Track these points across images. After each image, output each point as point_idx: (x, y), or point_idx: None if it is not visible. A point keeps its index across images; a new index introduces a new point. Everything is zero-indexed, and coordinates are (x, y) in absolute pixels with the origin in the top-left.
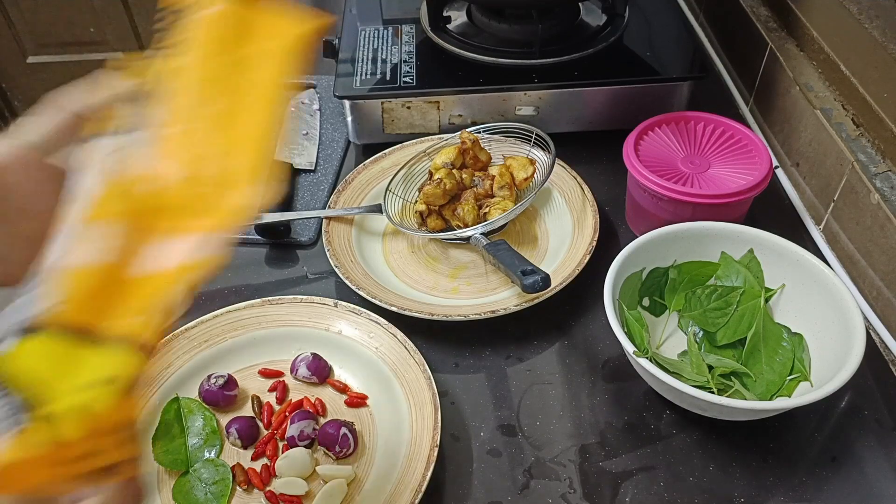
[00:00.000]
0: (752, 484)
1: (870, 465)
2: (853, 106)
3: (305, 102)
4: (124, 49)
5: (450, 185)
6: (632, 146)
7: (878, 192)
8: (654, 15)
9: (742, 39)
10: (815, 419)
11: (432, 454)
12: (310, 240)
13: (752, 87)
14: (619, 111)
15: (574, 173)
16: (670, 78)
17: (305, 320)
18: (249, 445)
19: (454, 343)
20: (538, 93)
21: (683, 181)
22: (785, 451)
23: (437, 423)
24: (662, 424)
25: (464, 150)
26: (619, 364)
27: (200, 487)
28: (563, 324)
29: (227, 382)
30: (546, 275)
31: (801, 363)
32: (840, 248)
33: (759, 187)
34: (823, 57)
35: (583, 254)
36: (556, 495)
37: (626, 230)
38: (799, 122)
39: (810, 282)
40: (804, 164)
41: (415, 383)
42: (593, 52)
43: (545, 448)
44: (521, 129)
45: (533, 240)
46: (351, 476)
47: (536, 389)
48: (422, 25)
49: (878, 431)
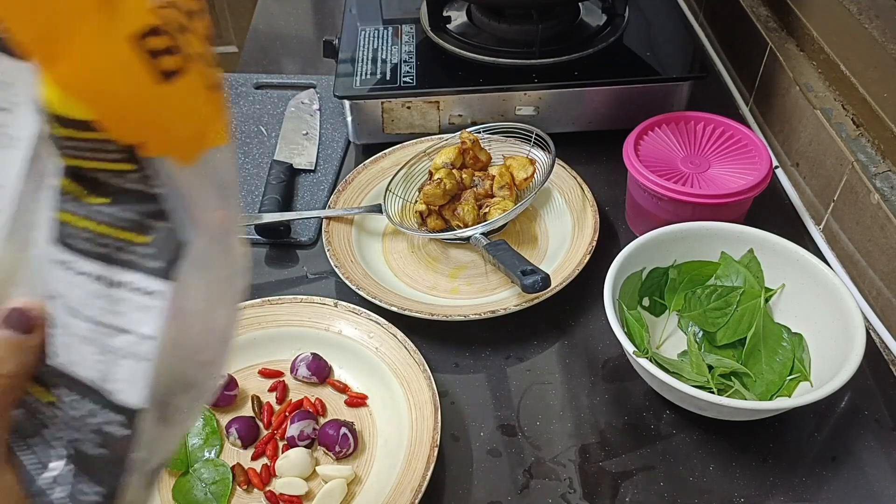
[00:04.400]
0: (752, 484)
1: (870, 465)
2: (853, 106)
3: (305, 102)
4: None
5: (450, 185)
6: (632, 146)
7: (878, 192)
8: (654, 15)
9: (742, 39)
10: (815, 419)
11: (432, 454)
12: (310, 240)
13: (752, 87)
14: (618, 111)
15: (574, 173)
16: (670, 78)
17: (305, 320)
18: (249, 445)
19: (454, 343)
20: (538, 93)
21: (683, 181)
22: (785, 451)
23: (437, 423)
24: (662, 424)
25: (464, 150)
26: (619, 364)
27: (200, 487)
28: (563, 324)
29: (227, 382)
30: (546, 275)
31: (800, 363)
32: (840, 247)
33: (759, 187)
34: (823, 57)
35: (583, 254)
36: (556, 495)
37: (626, 230)
38: (799, 122)
39: (810, 282)
40: (804, 164)
41: (415, 383)
42: (593, 52)
43: (545, 448)
44: (521, 130)
45: (533, 240)
46: (351, 476)
47: (536, 389)
48: (422, 25)
49: (878, 431)
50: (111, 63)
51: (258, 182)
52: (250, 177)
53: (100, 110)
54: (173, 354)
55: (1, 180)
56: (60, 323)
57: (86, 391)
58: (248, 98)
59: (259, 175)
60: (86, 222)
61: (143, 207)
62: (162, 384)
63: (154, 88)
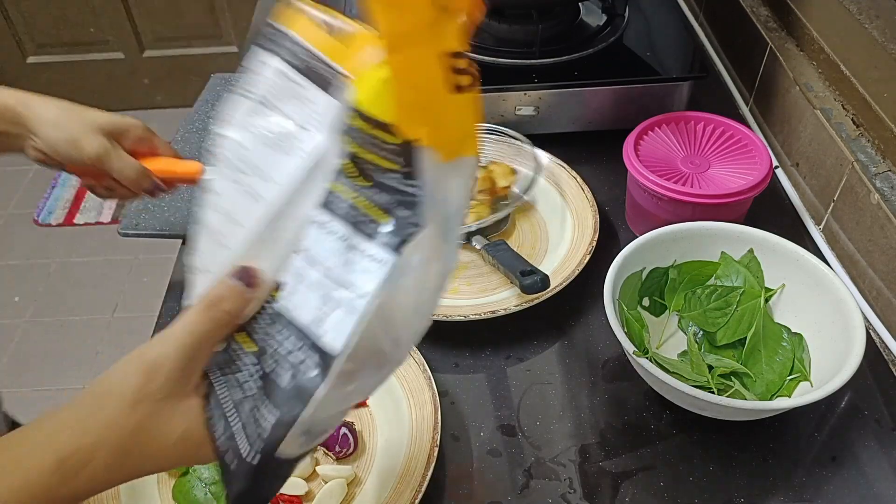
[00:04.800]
0: (752, 484)
1: (870, 465)
2: (853, 106)
3: None
4: (124, 49)
5: None
6: (632, 146)
7: (878, 192)
8: (653, 15)
9: (742, 39)
10: (815, 419)
11: (432, 454)
12: None
13: (752, 87)
14: (619, 111)
15: (574, 173)
16: (670, 78)
17: None
18: None
19: (454, 343)
20: (538, 93)
21: (683, 181)
22: (785, 451)
23: (437, 423)
24: (662, 424)
25: None
26: (619, 364)
27: (200, 487)
28: (563, 324)
29: None
30: (545, 275)
31: (800, 363)
32: (840, 247)
33: (758, 187)
34: (823, 57)
35: (583, 254)
36: (556, 495)
37: (626, 230)
38: (799, 122)
39: (810, 282)
40: (804, 164)
41: (415, 383)
42: (593, 52)
43: (545, 448)
44: (516, 138)
45: (533, 240)
46: (351, 476)
47: (536, 389)
48: None
49: (878, 431)
50: (425, 69)
51: None
52: None
53: (403, 106)
54: (377, 321)
55: (276, 177)
56: (298, 272)
57: (298, 332)
58: None
59: None
60: (350, 195)
61: (394, 198)
62: (360, 347)
63: (447, 97)
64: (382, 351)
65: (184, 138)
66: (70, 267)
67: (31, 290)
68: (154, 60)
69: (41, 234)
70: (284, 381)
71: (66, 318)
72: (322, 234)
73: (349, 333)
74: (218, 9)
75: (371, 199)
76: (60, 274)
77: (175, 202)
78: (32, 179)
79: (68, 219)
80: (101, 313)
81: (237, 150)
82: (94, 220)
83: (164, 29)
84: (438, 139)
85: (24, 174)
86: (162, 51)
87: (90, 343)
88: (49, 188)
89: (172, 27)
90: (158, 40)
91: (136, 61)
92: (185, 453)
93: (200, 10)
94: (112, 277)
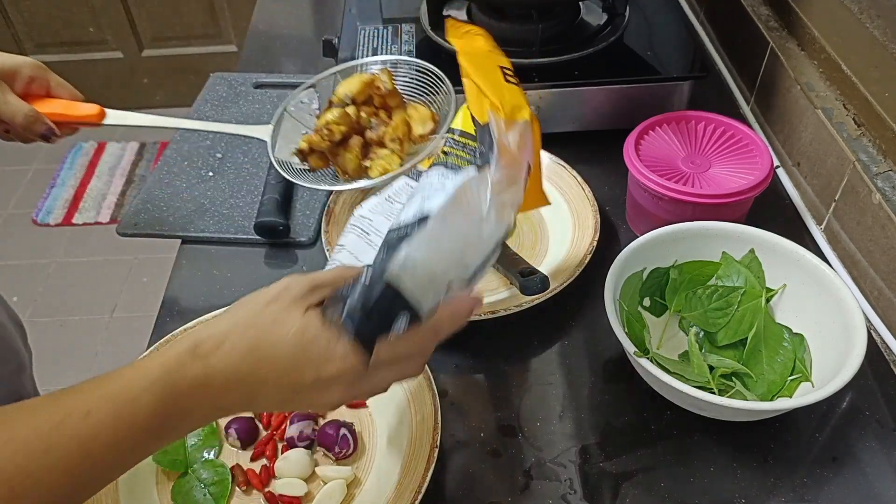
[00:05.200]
0: (752, 484)
1: (870, 466)
2: (854, 105)
3: (305, 102)
4: (123, 48)
5: (339, 135)
6: (632, 146)
7: (880, 192)
8: (654, 14)
9: (743, 39)
10: (816, 419)
11: (432, 454)
12: (309, 240)
13: (753, 86)
14: (619, 111)
15: (574, 173)
16: (671, 77)
17: None
18: (248, 446)
19: (454, 344)
20: (538, 92)
21: (684, 181)
22: (785, 452)
23: (437, 423)
24: (663, 425)
25: (373, 88)
26: (620, 364)
27: (199, 488)
28: (564, 324)
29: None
30: (544, 276)
31: (802, 363)
32: (841, 247)
33: (759, 187)
34: (824, 56)
35: (583, 254)
36: (557, 496)
37: (627, 230)
38: (800, 121)
39: (811, 282)
40: (805, 164)
41: (415, 384)
42: (593, 51)
43: (545, 449)
44: (437, 76)
45: (533, 240)
46: (350, 477)
47: (536, 390)
48: (421, 25)
49: (879, 432)
50: (491, 73)
51: (258, 182)
52: (250, 176)
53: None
54: (455, 200)
55: (428, 208)
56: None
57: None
58: (248, 97)
59: (259, 175)
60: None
61: (473, 157)
62: (448, 206)
63: (504, 85)
64: (444, 276)
65: (183, 137)
66: (69, 267)
67: (29, 290)
68: (153, 60)
69: (40, 233)
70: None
71: (65, 317)
72: (433, 179)
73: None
74: (217, 8)
75: (462, 158)
76: (59, 274)
77: (175, 202)
78: (31, 179)
79: (67, 219)
80: (99, 313)
81: (363, 222)
82: (92, 220)
83: (164, 28)
84: (503, 107)
85: (24, 174)
86: (161, 50)
87: (89, 343)
88: (48, 188)
89: (171, 27)
90: (157, 40)
91: (136, 61)
92: (298, 342)
93: (200, 9)
94: (111, 277)
